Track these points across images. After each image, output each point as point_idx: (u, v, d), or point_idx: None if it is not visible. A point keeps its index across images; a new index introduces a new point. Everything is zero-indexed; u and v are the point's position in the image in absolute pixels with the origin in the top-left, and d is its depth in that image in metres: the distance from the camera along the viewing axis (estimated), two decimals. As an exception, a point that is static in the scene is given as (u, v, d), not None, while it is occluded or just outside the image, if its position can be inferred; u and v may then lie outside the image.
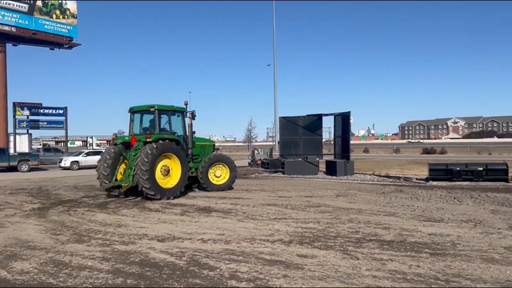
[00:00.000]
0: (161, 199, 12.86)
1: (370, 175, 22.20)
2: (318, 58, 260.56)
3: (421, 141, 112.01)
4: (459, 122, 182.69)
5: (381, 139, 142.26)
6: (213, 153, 16.73)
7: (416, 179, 19.94)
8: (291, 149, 24.36)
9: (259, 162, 29.81)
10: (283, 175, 22.48)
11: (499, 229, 8.25)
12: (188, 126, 14.90)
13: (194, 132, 15.11)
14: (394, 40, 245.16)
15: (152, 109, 14.12)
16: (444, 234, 7.82)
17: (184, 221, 9.52)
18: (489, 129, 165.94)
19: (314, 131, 24.65)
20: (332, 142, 26.40)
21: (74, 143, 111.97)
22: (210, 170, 15.49)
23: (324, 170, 23.37)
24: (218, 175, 15.61)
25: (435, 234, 7.83)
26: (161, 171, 13.41)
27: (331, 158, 24.90)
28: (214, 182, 15.50)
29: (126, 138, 14.49)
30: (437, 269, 5.73)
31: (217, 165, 15.65)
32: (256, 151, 36.45)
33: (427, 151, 49.76)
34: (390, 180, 19.79)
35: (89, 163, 30.98)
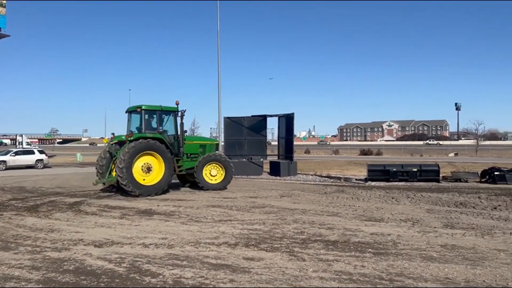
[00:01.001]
0: (140, 195, 13.44)
1: (312, 175, 22.64)
2: (261, 59, 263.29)
3: (440, 142, 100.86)
4: (393, 125, 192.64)
5: (321, 140, 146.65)
6: (202, 153, 16.27)
7: (356, 179, 20.61)
8: (235, 149, 24.22)
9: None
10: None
11: (435, 227, 8.63)
12: (181, 125, 15.11)
13: (185, 131, 15.44)
14: (333, 44, 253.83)
15: (139, 110, 14.71)
16: (385, 234, 8.03)
17: (123, 225, 9.03)
18: (420, 132, 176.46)
19: (259, 132, 24.70)
20: (276, 143, 26.62)
21: (2, 142, 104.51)
22: (206, 169, 15.59)
23: (268, 170, 23.49)
24: (214, 174, 15.72)
25: (377, 234, 8.03)
26: (142, 169, 13.91)
27: (275, 158, 25.12)
28: (209, 181, 15.60)
29: (123, 137, 14.80)
30: (380, 269, 5.83)
31: (213, 164, 15.75)
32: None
33: (364, 152, 51.79)
34: (331, 180, 20.29)
35: (18, 163, 28.91)
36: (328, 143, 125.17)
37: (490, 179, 18.38)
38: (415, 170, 18.98)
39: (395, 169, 19.18)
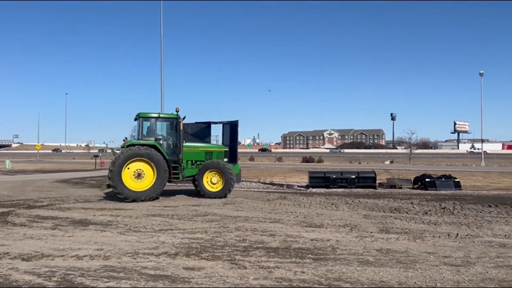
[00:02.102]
0: (128, 200, 13.71)
1: (256, 182, 22.75)
2: (205, 67, 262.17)
3: (477, 149, 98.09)
4: (333, 133, 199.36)
5: (265, 147, 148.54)
6: (209, 160, 15.95)
7: (298, 186, 20.99)
8: (178, 157, 23.75)
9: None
10: (169, 184, 21.75)
11: (371, 232, 8.97)
12: (180, 132, 15.11)
13: (184, 138, 15.51)
14: (276, 55, 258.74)
15: (137, 117, 15.18)
16: (324, 239, 8.21)
17: (55, 236, 8.51)
18: (358, 140, 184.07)
19: (203, 139, 24.31)
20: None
21: None
22: (207, 177, 15.34)
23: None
24: (214, 182, 15.37)
25: (317, 240, 8.19)
26: (134, 174, 14.14)
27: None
28: (209, 189, 15.32)
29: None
30: (320, 274, 5.93)
31: (213, 172, 15.40)
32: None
33: (306, 159, 53.05)
34: (274, 187, 20.52)
35: None
36: (269, 150, 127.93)
37: (421, 186, 19.49)
38: (354, 177, 19.69)
39: (334, 176, 19.78)
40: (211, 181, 15.35)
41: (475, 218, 10.94)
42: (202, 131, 24.39)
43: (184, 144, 15.62)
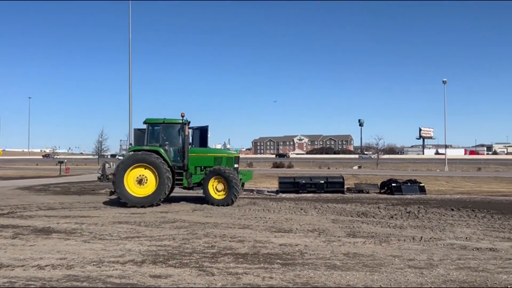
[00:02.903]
0: (128, 205, 13.80)
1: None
2: (174, 71, 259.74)
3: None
4: (303, 139, 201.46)
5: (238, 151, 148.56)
6: (217, 166, 15.23)
7: (268, 191, 21.03)
8: (146, 162, 23.36)
9: (110, 176, 27.81)
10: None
11: (339, 237, 9.09)
12: (185, 137, 15.00)
13: (190, 144, 15.43)
14: (246, 61, 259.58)
15: (144, 123, 15.41)
16: (293, 244, 8.26)
17: (16, 246, 8.17)
18: (327, 146, 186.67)
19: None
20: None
21: None
22: (212, 183, 14.82)
23: (181, 184, 23.00)
24: (220, 189, 14.79)
25: (286, 245, 8.23)
26: (136, 180, 14.25)
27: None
28: (214, 196, 14.76)
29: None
30: (287, 279, 5.95)
31: (218, 179, 14.80)
32: (107, 165, 33.94)
33: (277, 165, 53.31)
34: (244, 193, 20.45)
35: None
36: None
37: (388, 190, 19.92)
38: (322, 182, 19.91)
39: (304, 181, 19.94)
40: (216, 188, 14.83)
41: (439, 221, 11.27)
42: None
43: (192, 149, 15.53)
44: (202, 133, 23.51)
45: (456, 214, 12.61)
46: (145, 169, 14.38)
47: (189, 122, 15.59)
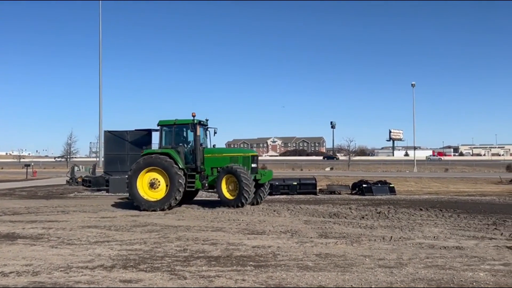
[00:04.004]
0: (141, 209, 13.69)
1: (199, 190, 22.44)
2: (146, 71, 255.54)
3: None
4: (277, 141, 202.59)
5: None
6: (230, 164, 14.53)
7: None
8: (117, 165, 22.91)
9: (79, 179, 27.20)
10: (107, 194, 20.99)
11: (311, 238, 9.17)
12: (197, 138, 14.67)
13: (201, 144, 14.86)
14: (220, 62, 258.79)
15: (157, 125, 15.23)
16: (266, 246, 8.27)
17: (-22, 253, 7.85)
18: (300, 148, 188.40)
19: (143, 147, 23.79)
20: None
21: None
22: (224, 182, 14.29)
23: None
24: (231, 188, 14.30)
25: (259, 247, 8.23)
26: (149, 183, 14.15)
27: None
28: (227, 195, 14.29)
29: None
30: (260, 281, 5.95)
31: (231, 177, 14.19)
32: (76, 168, 33.16)
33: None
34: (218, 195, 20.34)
35: None
36: None
37: (359, 191, 20.27)
38: (295, 183, 20.08)
39: (277, 183, 20.03)
40: (229, 188, 14.36)
41: (408, 221, 11.54)
42: (142, 139, 23.77)
43: (207, 149, 15.22)
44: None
45: (424, 214, 12.94)
46: (158, 172, 14.22)
47: (207, 120, 15.46)
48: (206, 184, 14.88)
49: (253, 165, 15.03)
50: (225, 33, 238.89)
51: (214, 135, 16.00)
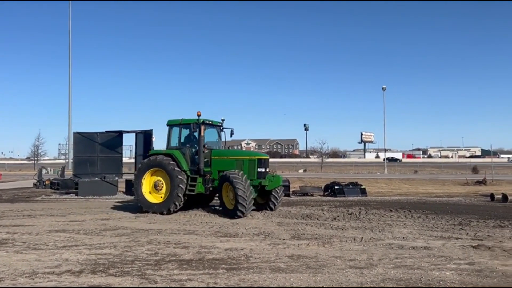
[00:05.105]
0: (146, 212, 13.46)
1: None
2: (117, 72, 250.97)
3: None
4: (251, 143, 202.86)
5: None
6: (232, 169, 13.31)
7: (215, 196, 20.86)
8: (86, 167, 22.40)
9: (47, 182, 26.41)
10: (76, 197, 20.45)
11: (284, 239, 9.20)
12: (200, 139, 13.78)
13: (204, 146, 13.80)
14: (200, 64, 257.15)
15: (167, 125, 14.63)
16: (239, 248, 8.25)
17: None
18: (274, 150, 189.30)
19: (114, 149, 23.34)
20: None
21: None
22: (225, 190, 12.94)
23: (124, 190, 22.29)
24: (231, 197, 12.70)
25: (231, 249, 8.19)
26: (154, 186, 13.78)
27: (132, 177, 23.98)
28: (227, 205, 12.91)
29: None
30: (232, 284, 5.93)
31: (229, 186, 12.65)
32: (44, 170, 32.19)
33: (224, 169, 53.25)
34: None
35: None
36: None
37: (331, 193, 20.50)
38: (269, 186, 20.06)
39: (250, 185, 19.99)
40: (229, 196, 12.88)
41: (378, 222, 11.75)
42: (113, 141, 23.38)
43: (214, 151, 14.14)
44: (146, 137, 22.99)
45: (394, 215, 13.21)
46: (162, 174, 13.72)
47: (223, 120, 15.10)
48: (211, 189, 13.76)
49: (259, 170, 13.47)
50: (191, 34, 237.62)
51: (231, 136, 15.28)
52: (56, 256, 7.64)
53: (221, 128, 15.32)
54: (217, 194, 13.59)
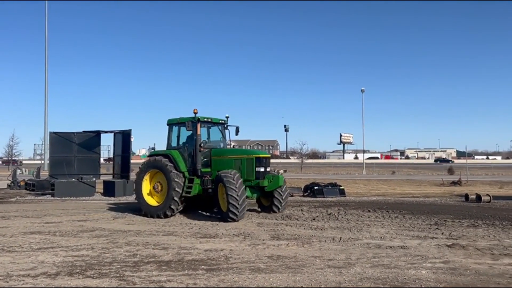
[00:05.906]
0: (145, 215, 13.04)
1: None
2: (96, 72, 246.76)
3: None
4: (232, 144, 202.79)
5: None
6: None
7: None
8: (63, 168, 21.99)
9: (22, 183, 25.78)
10: (52, 198, 20.04)
11: (263, 240, 9.24)
12: (197, 138, 13.12)
13: (201, 144, 13.11)
14: (178, 63, 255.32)
15: (167, 125, 14.22)
16: (218, 249, 8.24)
17: None
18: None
19: (91, 149, 22.98)
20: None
21: None
22: (220, 192, 12.25)
23: (102, 191, 21.97)
24: (226, 199, 11.93)
25: (211, 250, 8.18)
26: (155, 188, 13.37)
27: (110, 178, 23.67)
28: (222, 207, 12.17)
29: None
30: (212, 285, 5.92)
31: (222, 187, 11.92)
32: (18, 171, 31.44)
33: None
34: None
35: None
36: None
37: (311, 193, 20.65)
38: (249, 186, 20.08)
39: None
40: (225, 199, 12.03)
41: (356, 222, 11.91)
42: (90, 141, 23.02)
43: (214, 150, 13.58)
44: (124, 138, 22.73)
45: (372, 215, 13.41)
46: (161, 175, 13.16)
47: (227, 118, 14.86)
48: (210, 190, 12.72)
49: (259, 169, 12.76)
50: (175, 34, 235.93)
51: (237, 134, 14.48)
52: (32, 259, 7.48)
53: (225, 126, 14.61)
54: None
